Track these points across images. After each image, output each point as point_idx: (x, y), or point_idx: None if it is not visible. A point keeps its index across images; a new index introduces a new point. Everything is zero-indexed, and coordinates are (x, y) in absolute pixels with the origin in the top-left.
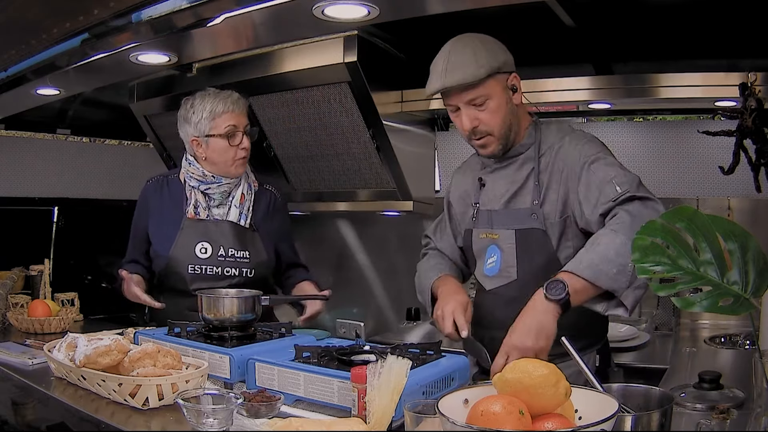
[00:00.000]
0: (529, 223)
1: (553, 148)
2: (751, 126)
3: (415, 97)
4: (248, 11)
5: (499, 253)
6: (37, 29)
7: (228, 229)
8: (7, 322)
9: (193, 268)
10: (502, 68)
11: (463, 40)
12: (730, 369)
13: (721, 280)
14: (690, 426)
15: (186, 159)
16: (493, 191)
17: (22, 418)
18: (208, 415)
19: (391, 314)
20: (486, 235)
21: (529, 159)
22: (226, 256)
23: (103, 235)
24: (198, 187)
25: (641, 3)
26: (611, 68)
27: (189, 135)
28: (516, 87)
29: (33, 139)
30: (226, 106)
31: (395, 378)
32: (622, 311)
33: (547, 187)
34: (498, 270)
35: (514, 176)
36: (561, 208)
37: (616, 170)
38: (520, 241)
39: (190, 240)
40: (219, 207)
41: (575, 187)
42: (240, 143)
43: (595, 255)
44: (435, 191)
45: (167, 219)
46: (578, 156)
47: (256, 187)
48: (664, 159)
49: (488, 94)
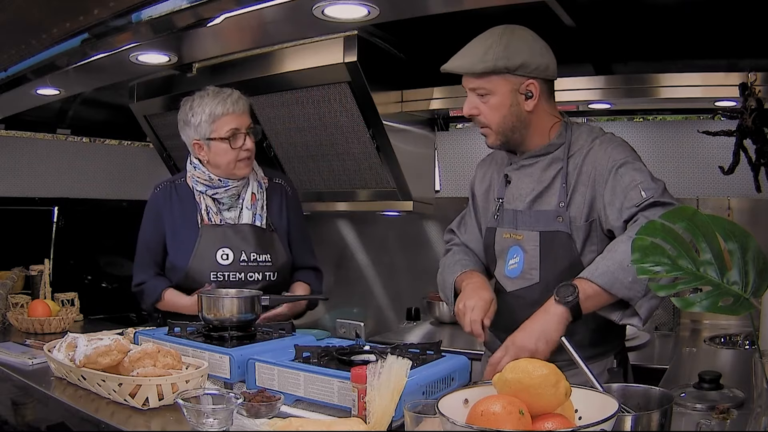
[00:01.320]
0: (554, 226)
1: (582, 151)
2: (751, 126)
3: (415, 97)
4: (248, 11)
5: (522, 255)
6: (37, 29)
7: (248, 232)
8: (7, 322)
9: (216, 275)
10: (513, 70)
11: (499, 31)
12: (730, 369)
13: (721, 280)
14: (690, 426)
15: (191, 162)
16: (518, 189)
17: (22, 418)
18: (208, 415)
19: (391, 314)
20: (510, 235)
21: (558, 159)
22: (249, 261)
23: (103, 235)
24: (206, 192)
25: (641, 3)
26: (611, 68)
27: (190, 138)
28: (532, 94)
29: (33, 139)
30: (226, 108)
31: (395, 378)
32: (636, 321)
33: (574, 189)
34: (520, 272)
35: (540, 176)
36: (587, 212)
37: (644, 175)
38: (544, 244)
39: (210, 247)
40: (230, 210)
41: (602, 191)
42: (243, 145)
43: (611, 262)
44: (435, 191)
45: (182, 228)
46: (607, 159)
47: (267, 183)
48: (664, 159)
49: (490, 89)
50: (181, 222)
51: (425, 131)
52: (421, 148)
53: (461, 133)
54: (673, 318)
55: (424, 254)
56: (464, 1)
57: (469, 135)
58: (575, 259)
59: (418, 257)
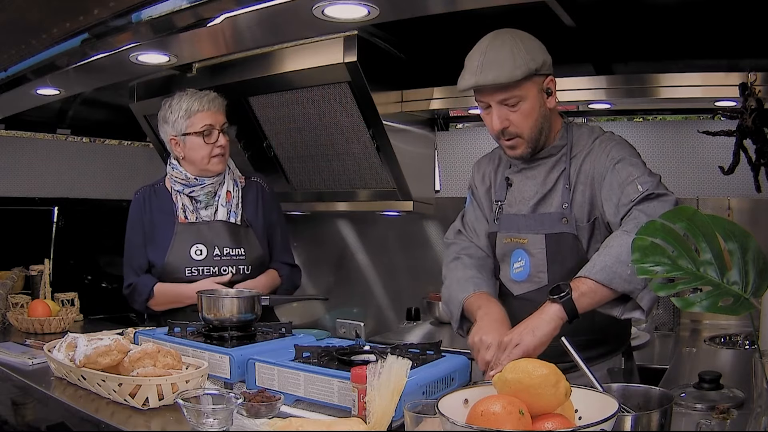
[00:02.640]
0: (559, 228)
1: (583, 151)
2: (751, 126)
3: (415, 97)
4: (248, 11)
5: (527, 258)
6: (37, 29)
7: (220, 228)
8: (7, 322)
9: (190, 270)
10: (540, 70)
11: (502, 37)
12: (730, 369)
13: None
14: (690, 426)
15: (170, 163)
16: (521, 192)
17: (22, 418)
18: (208, 415)
19: (391, 314)
20: (511, 239)
21: (561, 161)
22: (222, 255)
23: (103, 235)
24: (182, 191)
25: (641, 3)
26: (611, 68)
27: (168, 134)
28: (551, 90)
29: (33, 139)
30: (202, 105)
31: (395, 378)
32: (639, 314)
33: (575, 189)
34: (527, 275)
35: (544, 178)
36: (588, 209)
37: (640, 169)
38: (550, 246)
39: (185, 244)
40: (206, 208)
41: (599, 188)
42: (216, 141)
43: (608, 258)
44: (435, 191)
45: (159, 228)
46: (606, 158)
47: (243, 182)
48: (664, 159)
49: (522, 95)
50: (159, 223)
51: (425, 131)
52: (421, 148)
53: (461, 133)
54: (673, 318)
55: (424, 254)
56: (464, 1)
57: (469, 135)
58: (582, 259)
59: (418, 257)
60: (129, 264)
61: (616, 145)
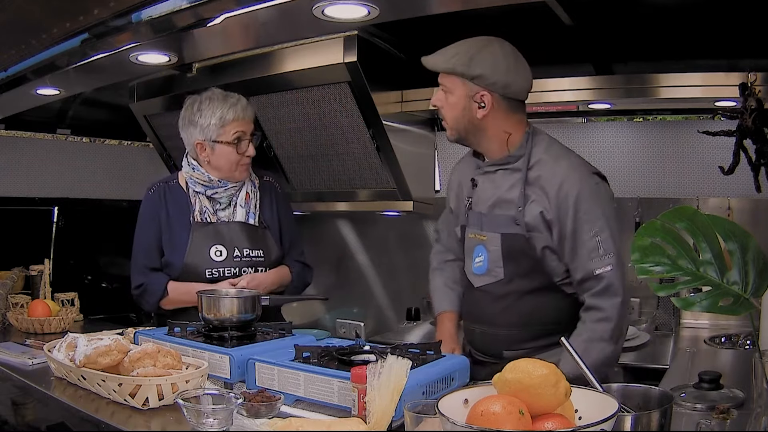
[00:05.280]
0: (513, 229)
1: (540, 165)
2: (751, 126)
3: (415, 97)
4: (248, 11)
5: (486, 254)
6: (37, 29)
7: (239, 229)
8: (7, 322)
9: (211, 272)
10: (470, 77)
11: (476, 41)
12: (730, 369)
13: (721, 280)
14: (690, 426)
15: (188, 163)
16: (483, 192)
17: (22, 418)
18: (208, 415)
19: (391, 314)
20: (475, 235)
21: (517, 170)
22: (242, 256)
23: (103, 235)
24: (204, 192)
25: (641, 3)
26: (611, 68)
27: (194, 138)
28: (484, 104)
29: (33, 139)
30: (237, 114)
31: (395, 378)
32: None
33: (529, 198)
34: (486, 269)
35: (500, 183)
36: (541, 220)
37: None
38: (504, 245)
39: (203, 244)
40: (225, 209)
41: (563, 225)
42: (246, 150)
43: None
44: (435, 191)
45: (175, 227)
46: (559, 182)
47: (258, 183)
48: (664, 159)
49: (450, 88)
50: (175, 221)
51: (425, 131)
52: (421, 148)
53: None
54: (673, 318)
55: (424, 254)
56: (464, 1)
57: None
58: (536, 259)
59: (418, 257)
60: (139, 264)
61: (568, 168)
